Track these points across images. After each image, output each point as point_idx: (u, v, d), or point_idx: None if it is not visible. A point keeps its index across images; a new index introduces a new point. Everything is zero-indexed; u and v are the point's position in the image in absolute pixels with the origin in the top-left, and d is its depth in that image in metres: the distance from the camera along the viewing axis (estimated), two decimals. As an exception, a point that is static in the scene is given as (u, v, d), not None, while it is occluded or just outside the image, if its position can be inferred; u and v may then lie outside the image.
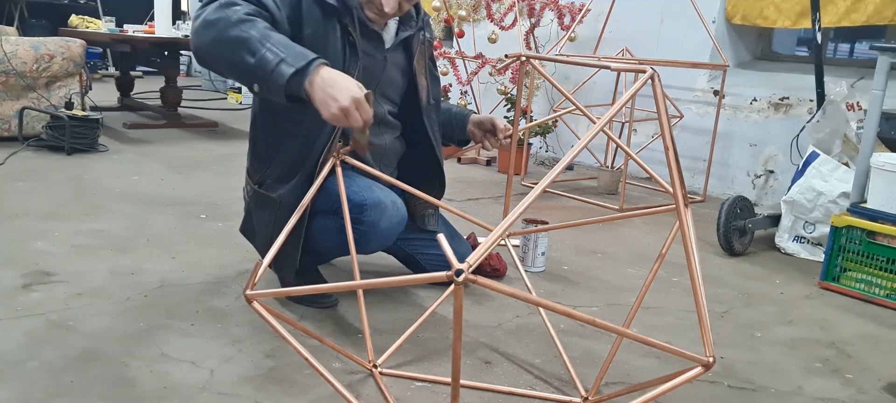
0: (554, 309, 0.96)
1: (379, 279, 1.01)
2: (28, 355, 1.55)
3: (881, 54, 2.38)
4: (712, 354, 1.00)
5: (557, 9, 4.25)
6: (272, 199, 1.84)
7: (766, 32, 4.13)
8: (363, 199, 1.76)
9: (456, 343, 0.88)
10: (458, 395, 0.95)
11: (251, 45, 1.55)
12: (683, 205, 1.35)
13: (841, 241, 2.44)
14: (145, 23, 5.58)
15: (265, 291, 1.24)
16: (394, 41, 1.94)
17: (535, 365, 1.70)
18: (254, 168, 1.95)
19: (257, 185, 1.91)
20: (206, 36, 1.61)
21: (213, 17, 1.60)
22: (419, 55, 1.99)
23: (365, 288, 1.54)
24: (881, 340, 2.06)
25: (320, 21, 1.78)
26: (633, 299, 2.20)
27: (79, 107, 3.96)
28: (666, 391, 1.03)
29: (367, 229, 1.76)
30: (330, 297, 1.96)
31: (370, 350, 1.60)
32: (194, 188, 3.18)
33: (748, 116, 3.84)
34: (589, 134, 1.09)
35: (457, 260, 0.82)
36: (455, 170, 4.14)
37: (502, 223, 0.95)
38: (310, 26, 1.76)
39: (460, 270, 0.81)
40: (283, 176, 1.84)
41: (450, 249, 0.84)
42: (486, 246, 0.88)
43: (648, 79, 1.18)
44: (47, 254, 2.19)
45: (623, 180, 3.49)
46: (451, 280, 0.82)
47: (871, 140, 2.43)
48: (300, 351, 1.32)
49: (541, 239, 2.38)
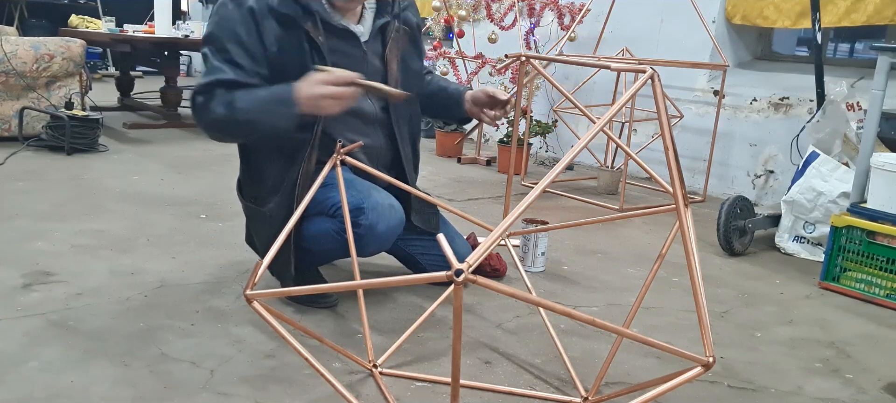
0: (554, 308, 0.96)
1: (378, 279, 1.01)
2: (28, 355, 1.55)
3: (881, 54, 2.38)
4: (712, 354, 1.00)
5: (557, 9, 4.25)
6: (263, 213, 1.90)
7: (766, 32, 4.14)
8: (361, 202, 1.76)
9: (456, 344, 0.88)
10: (458, 395, 0.95)
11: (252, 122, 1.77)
12: (683, 206, 1.35)
13: (841, 241, 2.44)
14: (145, 23, 5.58)
15: (265, 291, 1.24)
16: (371, 31, 1.93)
17: (535, 365, 1.70)
18: (245, 185, 2.01)
19: (251, 201, 1.96)
20: (213, 131, 1.83)
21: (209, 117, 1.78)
22: (393, 43, 1.97)
23: (364, 287, 1.55)
24: (881, 340, 2.06)
25: (281, 35, 1.79)
26: (633, 299, 2.20)
27: (79, 107, 3.96)
28: (666, 391, 1.03)
29: (365, 232, 1.76)
30: (330, 297, 1.96)
31: (370, 350, 1.60)
32: (194, 188, 3.18)
33: (748, 116, 3.84)
34: (589, 134, 1.09)
35: (457, 261, 0.82)
36: (455, 170, 4.14)
37: (502, 223, 0.94)
38: (274, 44, 1.79)
39: (460, 270, 0.81)
40: (271, 190, 1.89)
41: (450, 249, 0.84)
42: (486, 246, 0.88)
43: (648, 79, 1.18)
44: (47, 254, 2.19)
45: (623, 180, 3.49)
46: (450, 280, 0.82)
47: (871, 140, 2.43)
48: (300, 351, 1.32)
49: (541, 239, 2.38)
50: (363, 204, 1.76)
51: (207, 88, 1.78)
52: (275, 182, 1.88)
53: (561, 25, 4.30)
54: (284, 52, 1.79)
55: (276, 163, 1.88)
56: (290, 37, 1.80)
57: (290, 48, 1.80)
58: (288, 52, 1.80)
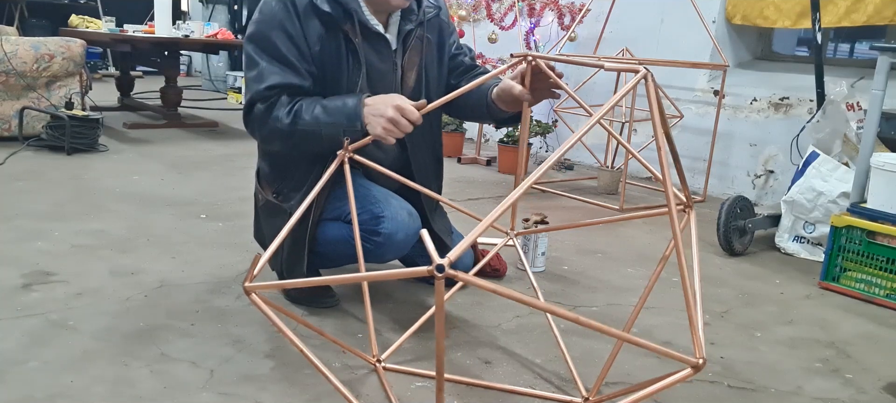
0: (555, 311, 0.96)
1: (374, 273, 1.01)
2: (28, 355, 1.55)
3: (881, 54, 2.38)
4: (702, 356, 1.01)
5: (557, 9, 4.25)
6: (285, 210, 1.84)
7: (766, 32, 4.14)
8: (381, 211, 1.76)
9: (439, 336, 0.90)
10: (442, 387, 0.96)
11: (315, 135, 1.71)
12: (688, 207, 1.35)
13: (841, 241, 2.44)
14: (145, 23, 5.57)
15: (264, 283, 1.24)
16: (397, 38, 1.89)
17: (536, 365, 1.70)
18: (270, 178, 1.93)
19: (274, 196, 1.90)
20: (272, 141, 1.79)
21: (271, 127, 1.73)
22: (412, 52, 1.90)
23: (362, 281, 1.55)
24: (881, 340, 2.06)
25: (323, 34, 1.76)
26: (634, 299, 2.21)
27: (79, 107, 3.97)
28: (653, 392, 1.04)
29: (384, 240, 1.76)
30: (331, 297, 1.96)
31: (374, 345, 1.60)
32: (194, 188, 3.18)
33: (748, 116, 3.84)
34: (583, 128, 1.10)
35: (438, 255, 0.83)
36: (455, 170, 4.14)
37: (489, 216, 0.95)
38: (316, 43, 1.76)
39: (441, 265, 0.82)
40: (295, 187, 1.85)
41: (432, 244, 0.85)
42: (468, 241, 0.89)
43: (641, 78, 1.18)
44: (47, 254, 2.19)
45: (623, 180, 3.49)
46: (431, 275, 0.83)
47: (871, 140, 2.43)
48: (296, 343, 1.31)
49: (541, 239, 2.38)
50: (383, 212, 1.76)
51: (267, 94, 1.72)
52: (300, 180, 1.84)
53: (561, 25, 4.30)
54: (325, 52, 1.77)
55: (305, 160, 1.83)
56: (331, 37, 1.77)
57: (329, 48, 1.77)
58: (328, 52, 1.77)
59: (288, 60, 1.73)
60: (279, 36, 1.73)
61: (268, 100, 1.73)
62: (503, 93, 1.76)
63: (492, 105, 1.82)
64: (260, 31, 1.75)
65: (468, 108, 1.92)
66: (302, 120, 1.70)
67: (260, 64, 1.73)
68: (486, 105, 1.84)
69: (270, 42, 1.73)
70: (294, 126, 1.70)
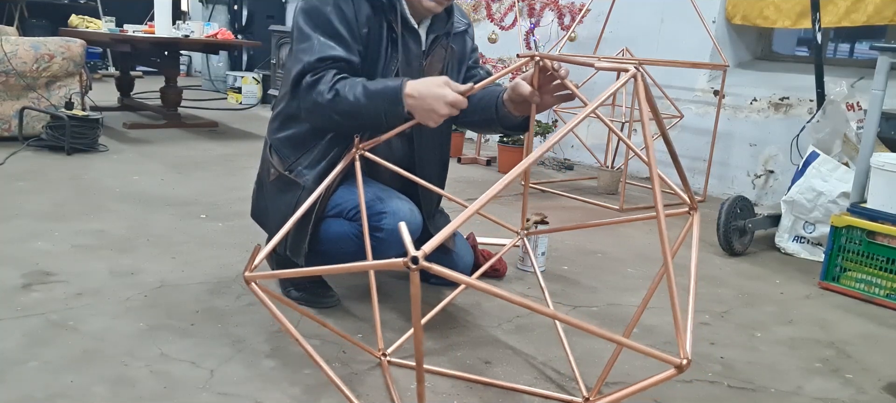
0: (552, 314, 0.96)
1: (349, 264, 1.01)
2: (28, 355, 1.56)
3: (881, 54, 2.38)
4: (687, 356, 1.02)
5: (557, 9, 4.25)
6: (298, 185, 1.84)
7: (766, 32, 4.13)
8: (383, 207, 1.76)
9: (416, 327, 0.91)
10: (422, 379, 0.99)
11: (355, 114, 1.70)
12: (692, 209, 1.35)
13: (841, 241, 2.44)
14: (145, 23, 5.57)
15: (264, 273, 1.24)
16: (426, 41, 1.92)
17: (536, 365, 1.70)
18: (286, 153, 1.90)
19: (287, 170, 1.88)
20: (313, 116, 1.76)
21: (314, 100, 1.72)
22: (435, 59, 1.93)
23: (359, 272, 1.55)
24: (881, 340, 2.06)
25: (371, 18, 1.80)
26: (634, 299, 2.21)
27: (79, 107, 3.96)
28: (634, 392, 1.07)
29: (386, 236, 1.76)
30: (331, 297, 1.96)
31: (380, 339, 1.60)
32: (194, 188, 3.18)
33: (748, 116, 3.84)
34: (576, 118, 1.10)
35: (413, 248, 0.85)
36: (455, 170, 4.14)
37: (470, 207, 0.96)
38: (364, 25, 1.79)
39: (416, 258, 0.84)
40: (311, 164, 1.85)
41: (408, 237, 0.86)
42: (446, 233, 0.90)
43: (631, 77, 1.18)
44: (47, 254, 2.19)
45: (623, 180, 3.49)
46: (407, 267, 0.85)
47: (871, 140, 2.43)
48: (293, 333, 1.31)
49: (541, 239, 2.39)
50: (385, 208, 1.76)
51: (318, 66, 1.72)
52: (317, 157, 1.84)
53: (561, 25, 4.30)
54: (370, 36, 1.80)
55: (325, 139, 1.83)
56: (377, 23, 1.80)
57: (374, 33, 1.80)
58: (372, 36, 1.80)
59: (340, 35, 1.75)
60: (333, 12, 1.76)
61: (317, 72, 1.73)
62: (513, 94, 1.77)
63: (502, 108, 1.83)
64: (314, 5, 1.77)
65: (477, 114, 1.90)
66: (342, 97, 1.69)
67: (312, 37, 1.75)
68: (496, 108, 1.85)
69: (324, 17, 1.75)
70: (334, 103, 1.69)
